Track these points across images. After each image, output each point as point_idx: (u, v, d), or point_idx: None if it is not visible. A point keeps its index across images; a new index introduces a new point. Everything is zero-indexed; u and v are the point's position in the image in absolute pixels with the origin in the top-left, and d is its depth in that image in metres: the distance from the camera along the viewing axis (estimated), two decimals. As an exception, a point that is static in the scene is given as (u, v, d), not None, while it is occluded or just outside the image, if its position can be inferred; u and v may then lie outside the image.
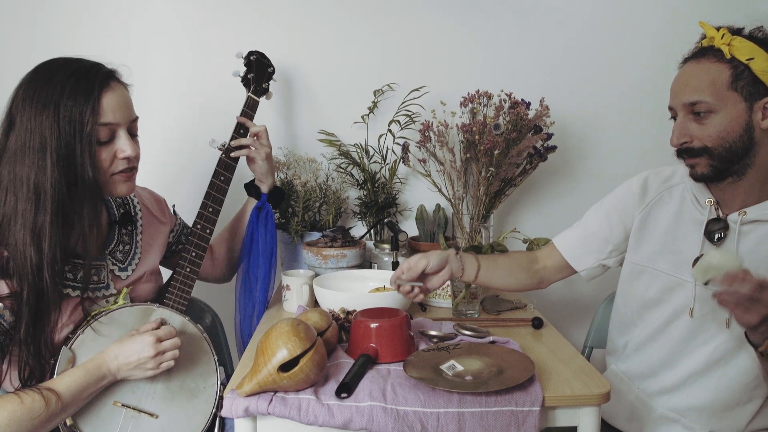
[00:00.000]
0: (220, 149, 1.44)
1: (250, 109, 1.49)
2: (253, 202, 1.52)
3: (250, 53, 1.54)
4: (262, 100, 1.53)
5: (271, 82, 1.56)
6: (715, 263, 0.99)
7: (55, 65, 1.11)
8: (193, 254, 1.34)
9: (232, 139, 1.45)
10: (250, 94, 1.51)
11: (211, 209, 1.37)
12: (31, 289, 1.05)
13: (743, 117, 1.09)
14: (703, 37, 1.16)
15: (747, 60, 1.08)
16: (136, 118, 1.19)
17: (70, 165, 1.08)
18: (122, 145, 1.14)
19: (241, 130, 1.46)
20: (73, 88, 1.08)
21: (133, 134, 1.18)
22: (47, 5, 1.79)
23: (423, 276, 1.24)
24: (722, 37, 1.10)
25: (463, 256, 1.30)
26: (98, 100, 1.09)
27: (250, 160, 1.49)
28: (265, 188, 1.52)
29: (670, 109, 1.18)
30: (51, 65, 1.11)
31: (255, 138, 1.47)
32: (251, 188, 1.54)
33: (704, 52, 1.13)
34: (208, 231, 1.36)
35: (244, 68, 1.53)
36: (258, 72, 1.53)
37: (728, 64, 1.09)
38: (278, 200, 1.57)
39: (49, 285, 1.06)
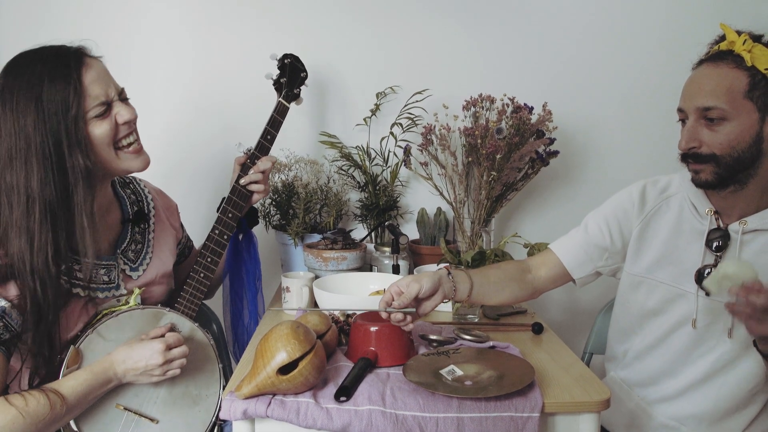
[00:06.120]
0: (245, 153, 1.40)
1: (279, 115, 1.41)
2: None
3: (285, 56, 1.48)
4: (293, 105, 1.46)
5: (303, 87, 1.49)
6: (730, 273, 0.97)
7: (21, 62, 1.09)
8: (209, 260, 1.31)
9: (257, 145, 1.38)
10: (280, 99, 1.43)
11: (230, 215, 1.34)
12: (32, 291, 1.05)
13: (755, 127, 1.08)
14: (720, 38, 1.12)
15: (766, 69, 1.05)
16: (123, 89, 1.17)
17: (58, 156, 1.06)
18: (118, 110, 1.13)
19: (268, 136, 1.39)
20: (50, 77, 1.06)
21: (124, 99, 1.17)
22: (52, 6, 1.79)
23: (416, 301, 1.13)
24: (744, 43, 1.07)
25: (455, 275, 1.20)
26: (79, 81, 1.07)
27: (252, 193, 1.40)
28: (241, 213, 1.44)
29: (680, 111, 1.15)
30: (17, 63, 1.09)
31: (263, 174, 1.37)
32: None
33: (723, 56, 1.10)
34: (225, 237, 1.33)
35: (277, 71, 1.47)
36: (291, 76, 1.46)
37: (747, 71, 1.06)
38: (254, 219, 1.49)
39: (47, 286, 1.05)
